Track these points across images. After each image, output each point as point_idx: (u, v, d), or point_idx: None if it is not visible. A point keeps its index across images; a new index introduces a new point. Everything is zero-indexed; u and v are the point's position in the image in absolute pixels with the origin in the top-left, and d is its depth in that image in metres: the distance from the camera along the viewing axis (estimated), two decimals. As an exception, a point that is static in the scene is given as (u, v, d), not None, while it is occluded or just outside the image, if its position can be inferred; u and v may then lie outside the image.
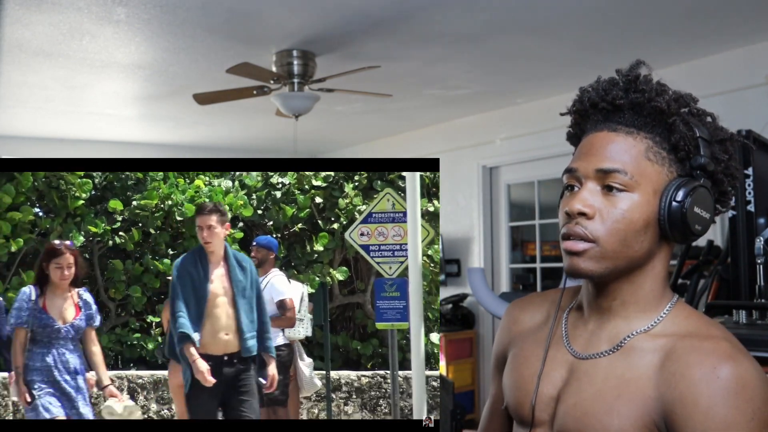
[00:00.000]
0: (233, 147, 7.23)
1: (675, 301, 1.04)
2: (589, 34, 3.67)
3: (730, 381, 0.91)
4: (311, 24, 3.46)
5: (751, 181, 2.09)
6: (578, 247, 0.99)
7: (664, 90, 1.02)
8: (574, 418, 1.00)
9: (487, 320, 5.58)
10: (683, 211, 0.98)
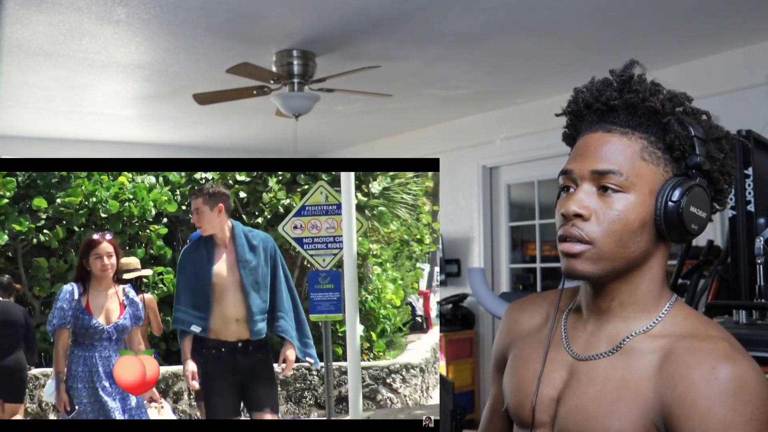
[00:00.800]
0: (233, 147, 7.23)
1: (674, 301, 1.04)
2: (589, 34, 3.67)
3: (729, 382, 0.90)
4: (311, 24, 3.46)
5: (751, 181, 2.09)
6: (575, 249, 0.99)
7: (658, 90, 1.02)
8: (575, 420, 1.00)
9: (487, 320, 5.58)
10: (679, 211, 0.98)
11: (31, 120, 5.63)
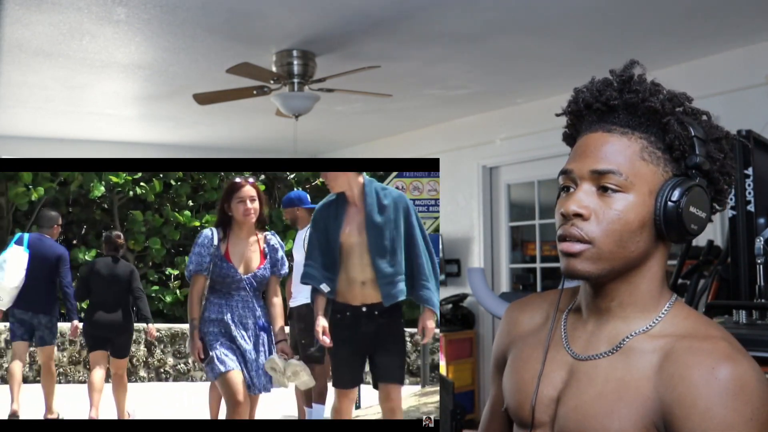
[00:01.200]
0: (233, 147, 7.23)
1: (673, 301, 1.04)
2: (589, 34, 3.67)
3: (729, 382, 0.90)
4: (311, 24, 3.46)
5: (751, 181, 2.09)
6: (574, 249, 0.99)
7: (658, 90, 1.02)
8: (575, 420, 0.99)
9: (487, 320, 5.58)
10: (679, 211, 0.98)
11: (31, 120, 5.62)
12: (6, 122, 5.69)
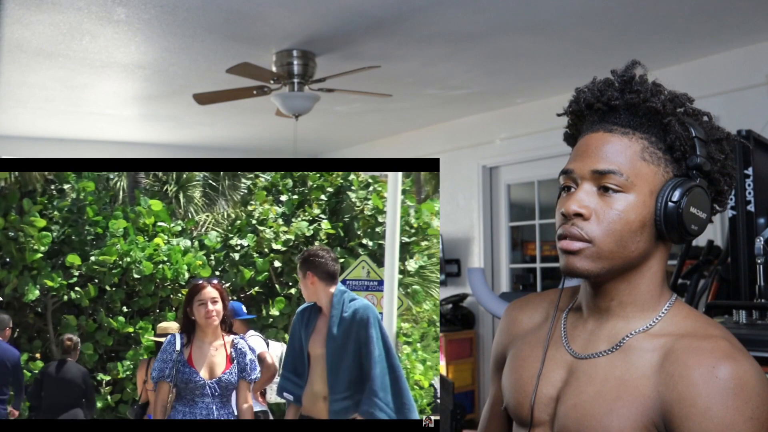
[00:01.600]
0: (233, 147, 7.23)
1: (673, 301, 1.04)
2: (589, 34, 3.67)
3: (729, 381, 0.90)
4: (311, 24, 3.46)
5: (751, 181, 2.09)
6: (574, 247, 0.99)
7: (660, 90, 1.02)
8: (574, 419, 0.99)
9: (487, 320, 5.58)
10: (679, 212, 0.98)
11: (31, 120, 5.63)
12: (6, 122, 5.70)
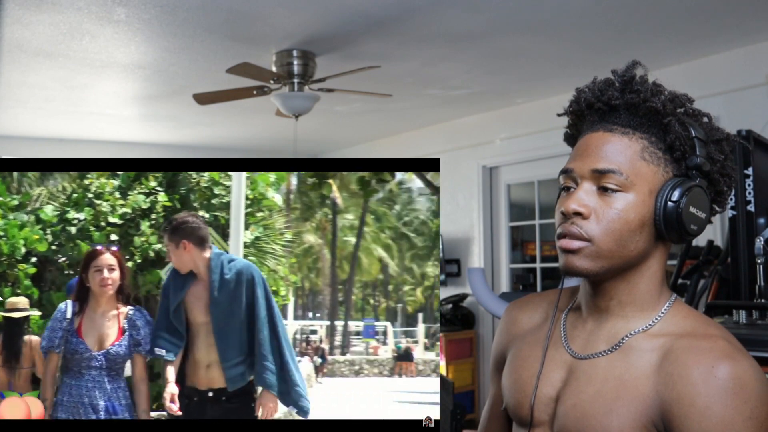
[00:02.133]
0: (233, 147, 7.23)
1: (673, 301, 1.04)
2: (589, 34, 3.67)
3: (728, 381, 0.91)
4: (311, 24, 3.46)
5: (751, 181, 2.09)
6: (573, 246, 0.99)
7: (660, 90, 1.02)
8: (574, 419, 1.00)
9: (487, 320, 5.58)
10: (678, 211, 0.98)
11: (31, 120, 5.63)
12: (6, 122, 5.70)
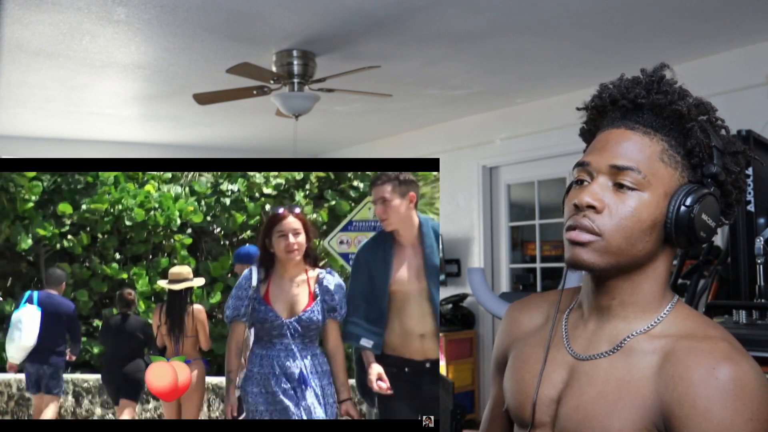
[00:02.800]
0: (233, 147, 7.23)
1: (675, 302, 1.04)
2: (589, 34, 3.67)
3: (729, 382, 0.91)
4: (311, 24, 3.46)
5: (751, 181, 2.09)
6: (583, 238, 0.99)
7: (686, 94, 1.03)
8: (575, 420, 1.00)
9: (487, 320, 5.58)
10: (691, 217, 0.98)
11: (31, 120, 5.63)
12: (6, 122, 5.70)
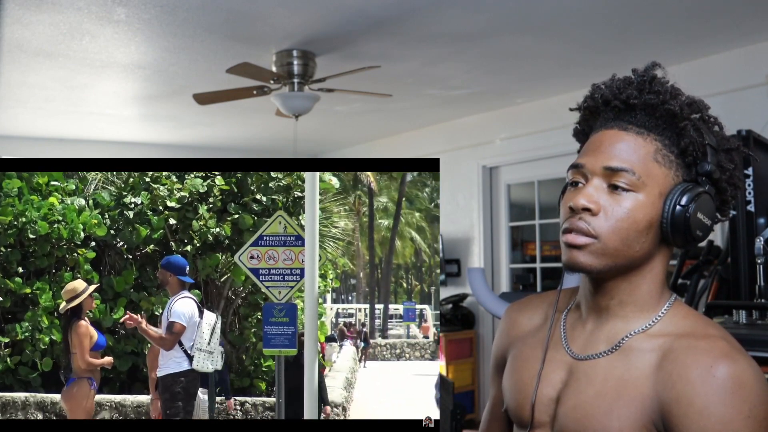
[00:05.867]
0: (233, 147, 7.23)
1: (673, 301, 1.04)
2: (589, 34, 3.67)
3: (727, 380, 0.91)
4: (311, 24, 3.46)
5: (751, 181, 2.09)
6: (579, 241, 0.99)
7: (678, 93, 1.02)
8: (574, 420, 1.00)
9: (487, 320, 5.58)
10: (686, 216, 0.98)
11: (31, 120, 5.63)
12: (6, 122, 5.70)
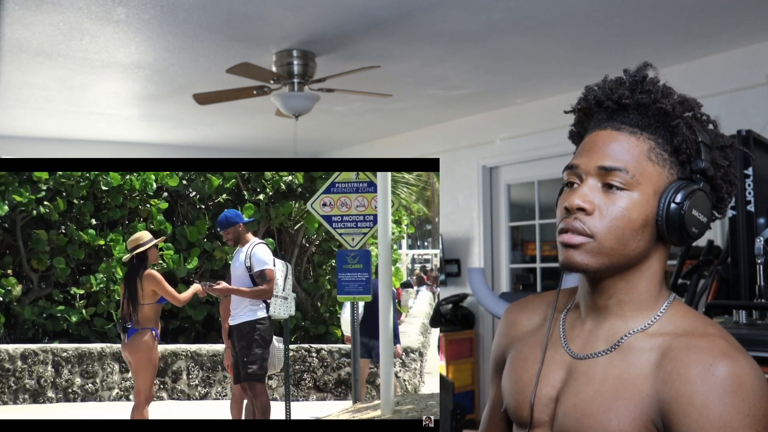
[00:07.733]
0: (233, 147, 7.23)
1: (671, 300, 1.05)
2: (589, 34, 3.67)
3: (726, 379, 0.91)
4: (311, 24, 3.46)
5: (751, 181, 2.09)
6: (575, 241, 1.00)
7: (670, 92, 1.03)
8: (574, 419, 1.00)
9: (487, 320, 5.58)
10: (681, 213, 0.99)
11: (31, 120, 5.62)
12: (6, 122, 5.69)
